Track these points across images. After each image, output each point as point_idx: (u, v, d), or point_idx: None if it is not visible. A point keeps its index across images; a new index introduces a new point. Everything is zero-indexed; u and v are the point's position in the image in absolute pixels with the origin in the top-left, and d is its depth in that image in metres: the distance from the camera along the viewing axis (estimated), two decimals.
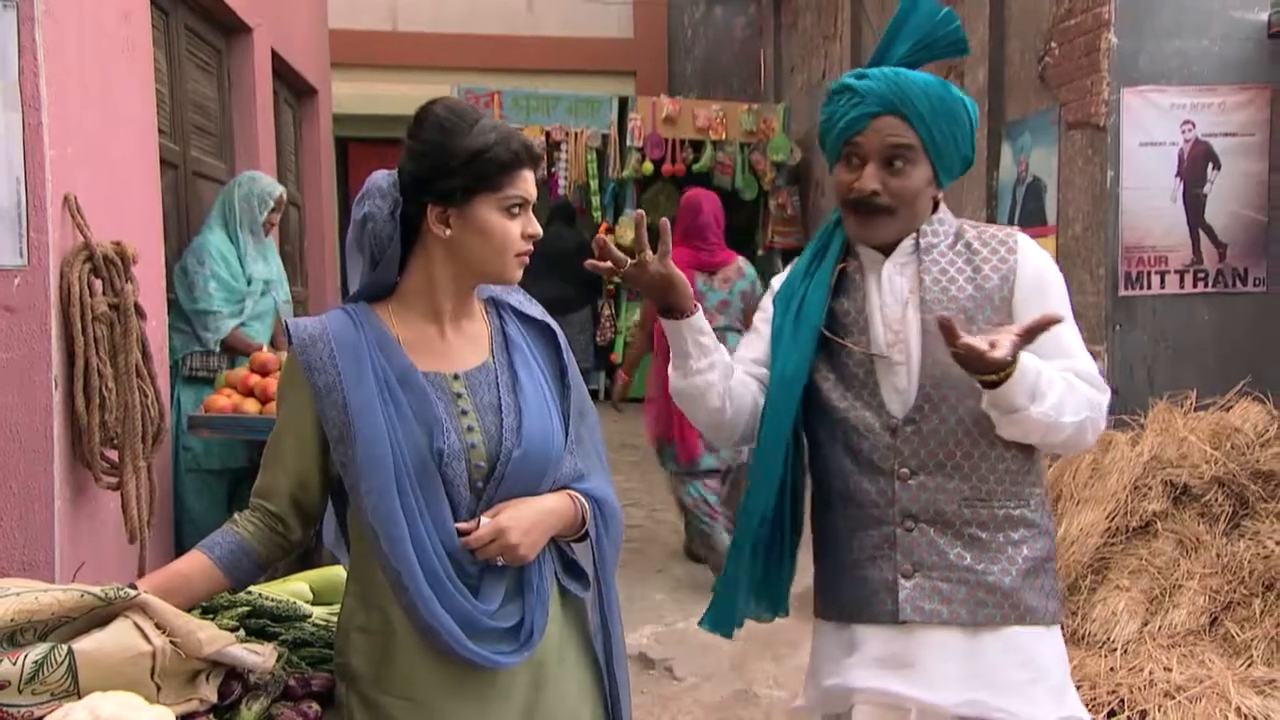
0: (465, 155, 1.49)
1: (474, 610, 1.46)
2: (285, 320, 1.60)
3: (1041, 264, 1.79)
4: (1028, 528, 1.73)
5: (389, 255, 1.54)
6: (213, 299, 3.95)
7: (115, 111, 3.28)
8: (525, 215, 1.54)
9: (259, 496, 1.55)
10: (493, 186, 1.50)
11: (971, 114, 1.82)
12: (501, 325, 1.62)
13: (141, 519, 2.99)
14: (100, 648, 1.29)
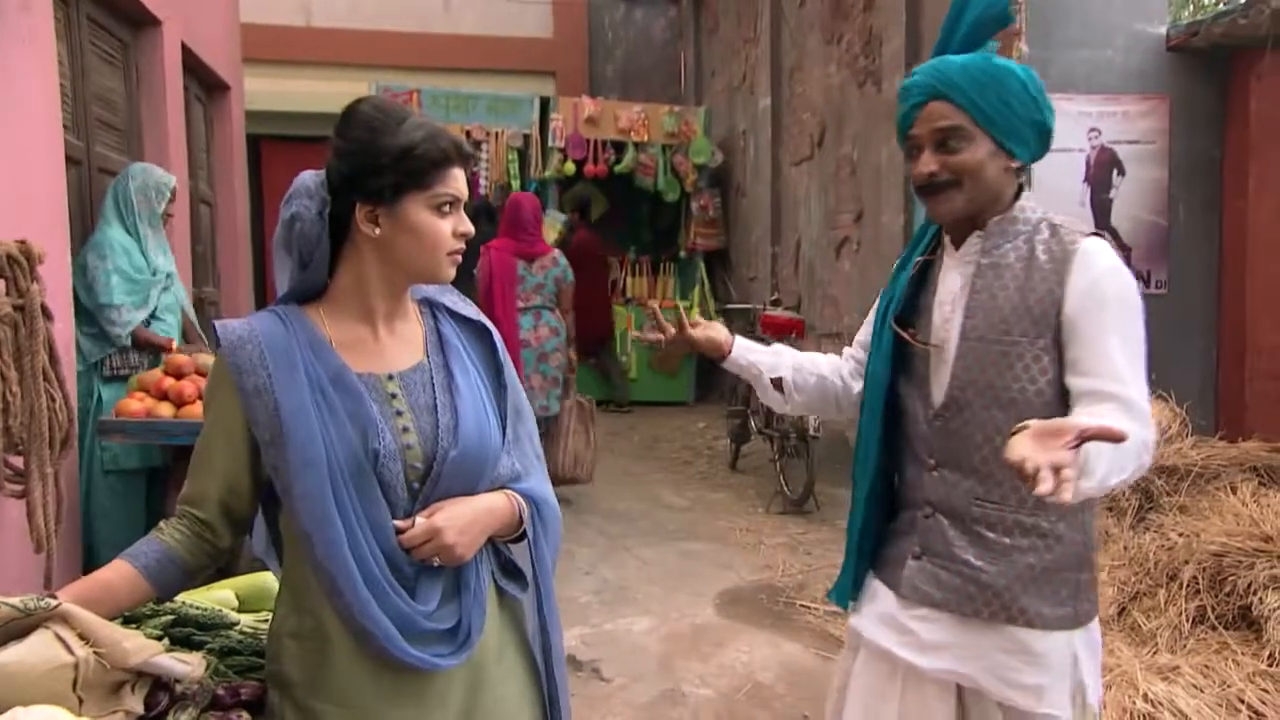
0: (393, 153, 1.46)
1: (411, 612, 1.43)
2: (212, 321, 1.55)
3: (1100, 276, 1.69)
4: (1040, 536, 1.75)
5: (318, 256, 1.51)
6: (113, 293, 3.80)
7: (16, 105, 3.14)
8: (457, 214, 1.52)
9: (186, 504, 1.50)
10: (422, 185, 1.47)
11: (1026, 78, 1.81)
12: (436, 325, 1.60)
13: (49, 528, 2.86)
14: (20, 660, 1.23)
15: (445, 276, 1.54)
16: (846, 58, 7.57)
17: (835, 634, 4.27)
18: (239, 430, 1.46)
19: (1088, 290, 1.69)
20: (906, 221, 6.44)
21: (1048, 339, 1.71)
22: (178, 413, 3.42)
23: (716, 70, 11.39)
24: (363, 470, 1.43)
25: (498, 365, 1.62)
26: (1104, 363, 1.66)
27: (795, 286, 8.73)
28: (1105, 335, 1.68)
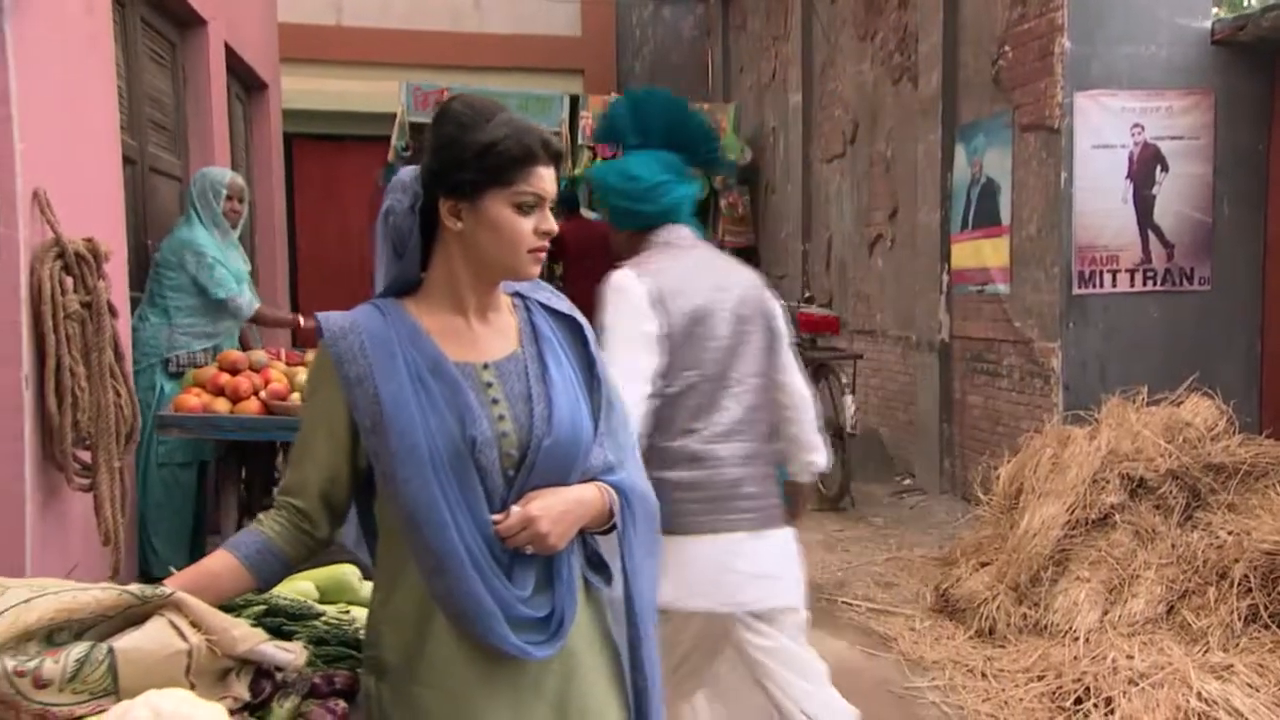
0: (476, 149, 1.48)
1: (509, 596, 1.46)
2: (316, 315, 1.58)
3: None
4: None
5: (409, 248, 1.54)
6: (230, 283, 4.01)
7: (81, 106, 3.20)
8: (540, 212, 1.52)
9: (286, 494, 1.52)
10: (503, 182, 1.48)
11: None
12: (530, 318, 1.62)
13: (116, 521, 2.92)
14: (139, 646, 1.26)
15: (527, 273, 1.55)
16: (881, 54, 7.55)
17: (879, 631, 4.28)
18: (341, 419, 1.49)
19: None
20: (944, 218, 6.43)
21: None
22: (233, 408, 3.47)
23: (745, 67, 11.38)
24: (461, 457, 1.45)
25: (590, 358, 1.64)
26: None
27: (826, 284, 8.72)
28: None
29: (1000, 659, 3.87)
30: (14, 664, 1.18)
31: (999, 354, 5.87)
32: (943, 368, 6.48)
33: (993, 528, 4.58)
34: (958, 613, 4.30)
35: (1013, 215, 5.65)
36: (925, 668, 3.90)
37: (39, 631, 1.22)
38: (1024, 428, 5.43)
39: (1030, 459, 4.50)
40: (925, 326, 6.70)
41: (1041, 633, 3.96)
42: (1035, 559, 4.11)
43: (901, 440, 7.27)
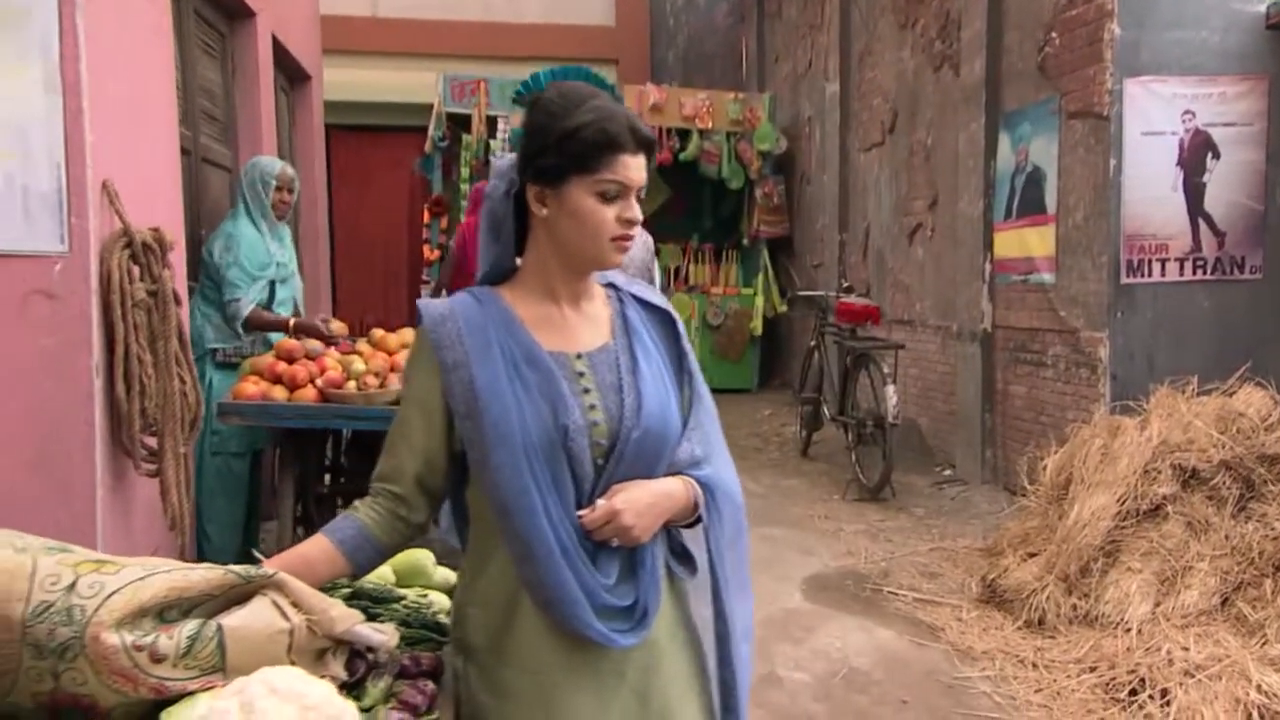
0: (559, 135, 1.49)
1: (595, 584, 1.48)
2: (416, 302, 1.61)
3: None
4: None
5: (504, 235, 1.57)
6: (235, 287, 3.96)
7: (143, 97, 3.24)
8: (624, 201, 1.51)
9: (382, 481, 1.54)
10: (585, 169, 1.48)
11: None
12: (622, 309, 1.63)
13: (182, 506, 2.97)
14: (245, 624, 1.29)
15: (610, 262, 1.55)
16: (921, 42, 7.49)
17: (926, 621, 4.28)
18: (436, 404, 1.51)
19: None
20: (986, 207, 6.38)
21: None
22: (290, 396, 3.52)
23: (780, 56, 11.32)
24: (552, 445, 1.47)
25: (680, 352, 1.65)
26: None
27: (864, 274, 8.68)
28: None
29: (1051, 649, 3.85)
30: (132, 638, 1.22)
31: (1043, 344, 5.82)
32: (985, 357, 6.44)
33: (1040, 518, 4.56)
34: (1005, 603, 4.28)
35: (1059, 204, 5.59)
36: (974, 658, 3.89)
37: (153, 608, 1.25)
38: (1069, 418, 5.39)
39: (1079, 449, 4.47)
40: (967, 316, 6.66)
41: (1092, 624, 3.94)
42: (1085, 549, 4.09)
43: (941, 431, 7.24)
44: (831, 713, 3.49)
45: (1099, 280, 5.23)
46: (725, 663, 1.62)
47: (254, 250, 4.04)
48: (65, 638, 1.19)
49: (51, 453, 2.75)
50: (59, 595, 1.21)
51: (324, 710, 1.14)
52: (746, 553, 1.69)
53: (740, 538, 1.66)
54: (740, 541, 1.66)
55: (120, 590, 1.23)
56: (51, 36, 2.65)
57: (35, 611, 1.19)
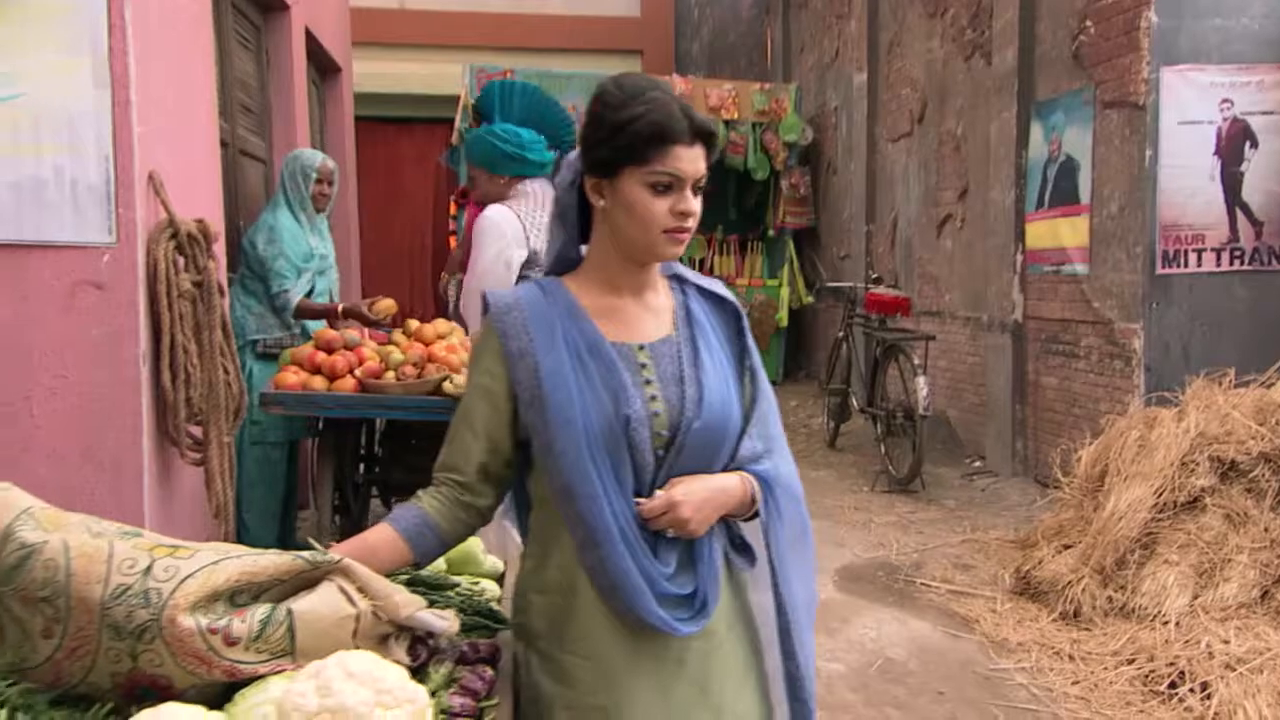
0: (612, 127, 1.49)
1: (655, 572, 1.49)
2: (483, 291, 1.62)
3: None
4: None
5: (567, 225, 1.58)
6: (283, 278, 4.01)
7: (186, 89, 3.27)
8: (678, 193, 1.49)
9: (446, 470, 1.56)
10: (637, 160, 1.48)
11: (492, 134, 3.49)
12: (685, 300, 1.63)
13: (226, 494, 3.01)
14: (314, 609, 1.31)
15: (664, 254, 1.54)
16: (952, 31, 7.44)
17: (960, 612, 4.27)
18: (502, 392, 1.52)
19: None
20: (1018, 197, 6.33)
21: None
22: (330, 386, 3.55)
23: (806, 46, 11.26)
24: (614, 434, 1.48)
25: (743, 346, 1.65)
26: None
27: (891, 264, 8.64)
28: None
29: (1087, 642, 3.84)
30: (206, 621, 1.24)
31: (1076, 335, 5.78)
32: (1016, 349, 6.41)
33: (1074, 510, 4.53)
34: (1040, 595, 4.27)
35: (1093, 194, 5.55)
36: (1010, 649, 3.88)
37: (225, 592, 1.27)
38: (1102, 410, 5.36)
39: (1114, 441, 4.44)
40: (997, 307, 6.62)
41: (1128, 616, 3.92)
42: (1122, 541, 4.07)
43: (970, 422, 7.21)
44: (868, 702, 3.49)
45: (1134, 271, 5.19)
46: (790, 655, 1.61)
47: (296, 242, 4.08)
48: (143, 620, 1.22)
49: (101, 442, 2.79)
50: (136, 578, 1.23)
51: (398, 694, 1.16)
52: (811, 548, 1.68)
53: (803, 534, 1.65)
54: (803, 537, 1.65)
55: (194, 574, 1.25)
56: (100, 30, 2.68)
57: (114, 594, 1.22)
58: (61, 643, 1.22)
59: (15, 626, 1.23)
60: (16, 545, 1.23)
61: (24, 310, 2.72)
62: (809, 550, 1.67)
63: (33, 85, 2.65)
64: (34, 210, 2.70)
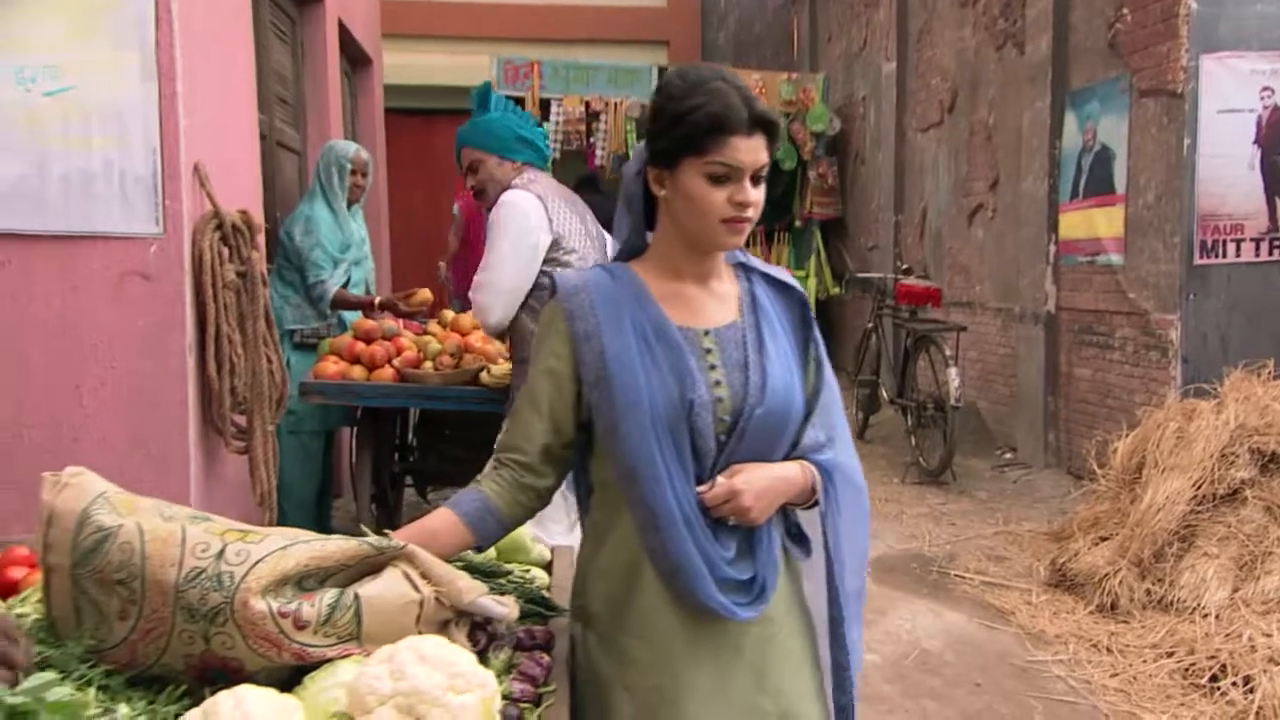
0: (671, 118, 1.50)
1: (716, 556, 1.50)
2: (552, 273, 1.64)
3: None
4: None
5: (635, 213, 1.60)
6: (321, 269, 4.02)
7: (228, 82, 3.30)
8: (737, 183, 1.48)
9: (507, 450, 1.57)
10: (695, 151, 1.48)
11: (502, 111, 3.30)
12: (751, 288, 1.63)
13: (270, 482, 3.04)
14: (380, 595, 1.33)
15: (723, 244, 1.55)
16: (984, 20, 7.37)
17: (995, 604, 4.26)
18: (567, 373, 1.54)
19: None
20: (1051, 187, 6.28)
21: None
22: (369, 376, 3.58)
23: (834, 36, 11.20)
24: (677, 417, 1.49)
25: (808, 335, 1.65)
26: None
27: (920, 255, 8.59)
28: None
29: (1125, 634, 3.82)
30: (277, 605, 1.26)
31: (1110, 326, 5.73)
32: (1048, 340, 6.36)
33: (1110, 502, 4.50)
34: (1076, 587, 4.24)
35: (1128, 183, 5.49)
36: (1046, 641, 3.87)
37: (294, 576, 1.29)
38: (1137, 401, 5.32)
39: (1152, 433, 4.40)
40: (1030, 298, 6.57)
41: (1167, 609, 3.90)
42: (1159, 534, 4.04)
43: (1001, 414, 7.16)
44: (904, 694, 3.49)
45: (1170, 261, 5.14)
46: (840, 645, 1.62)
47: (332, 233, 4.10)
48: (216, 603, 1.24)
49: (149, 431, 2.83)
50: (209, 562, 1.25)
51: (470, 679, 1.17)
52: (866, 539, 1.69)
53: (860, 524, 1.66)
54: (859, 528, 1.66)
55: (265, 559, 1.27)
56: (148, 23, 2.71)
57: (188, 577, 1.24)
58: (137, 624, 1.25)
59: (92, 608, 1.26)
60: (93, 528, 1.25)
61: (74, 301, 2.77)
62: (864, 542, 1.68)
63: (82, 79, 2.69)
64: (83, 202, 2.74)
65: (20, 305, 2.73)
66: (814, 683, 1.65)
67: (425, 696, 1.13)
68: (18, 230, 2.71)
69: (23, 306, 2.74)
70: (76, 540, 1.25)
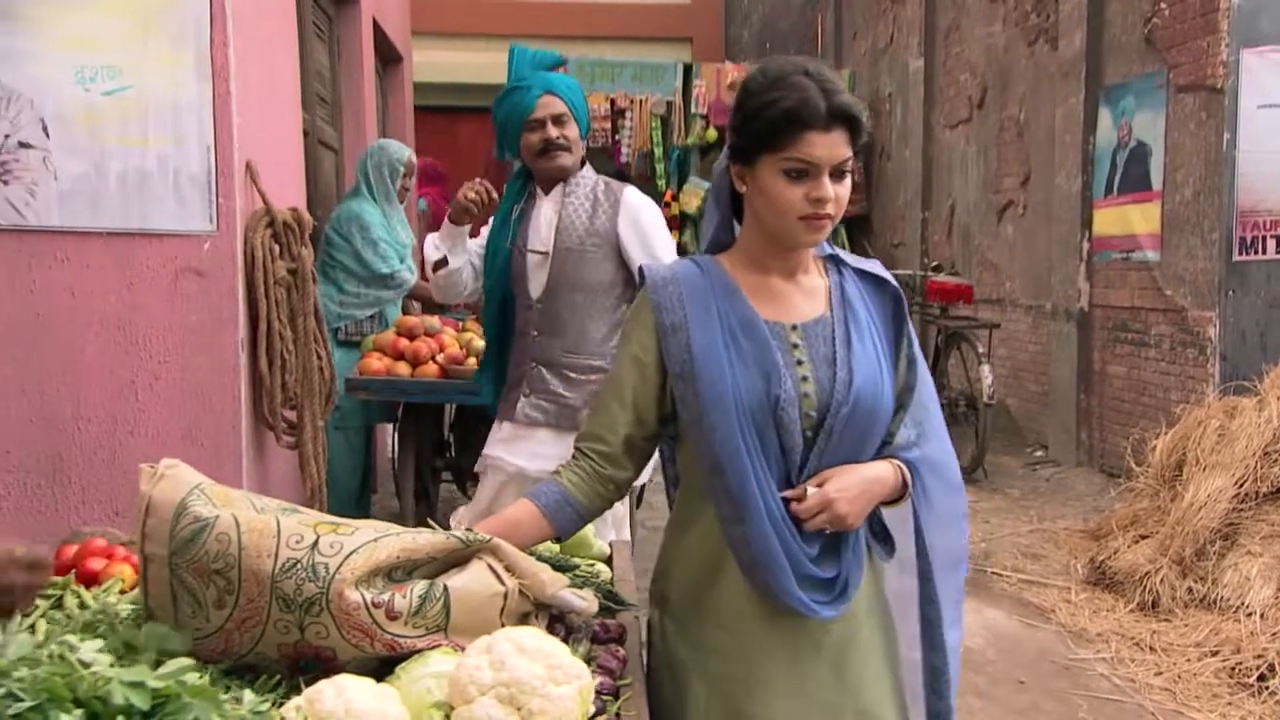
0: (747, 115, 1.49)
1: (800, 552, 1.49)
2: (640, 264, 1.65)
3: (639, 207, 2.75)
4: (600, 372, 2.68)
5: (723, 207, 1.60)
6: (393, 260, 4.04)
7: (276, 79, 3.33)
8: (814, 180, 1.45)
9: (589, 440, 1.57)
10: (772, 147, 1.46)
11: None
12: (840, 282, 1.61)
13: (321, 477, 3.07)
14: (467, 586, 1.34)
15: (802, 241, 1.52)
16: (1014, 16, 7.34)
17: (1034, 602, 4.24)
18: (653, 364, 1.54)
19: (631, 218, 2.72)
20: (1084, 183, 6.24)
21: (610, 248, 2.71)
22: (413, 372, 3.60)
23: (859, 32, 11.16)
24: (763, 412, 1.48)
25: (900, 330, 1.63)
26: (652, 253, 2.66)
27: (948, 252, 8.56)
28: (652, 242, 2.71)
29: (1167, 633, 3.80)
30: (371, 596, 1.27)
31: (1146, 323, 5.70)
32: (1081, 337, 6.33)
33: (1150, 500, 4.48)
34: (1115, 585, 4.23)
35: (1165, 179, 5.46)
36: (1088, 639, 3.85)
37: (385, 568, 1.31)
38: (1174, 399, 5.28)
39: (1192, 430, 4.37)
40: (1062, 295, 6.54)
41: (1210, 607, 3.87)
42: (1201, 532, 4.01)
43: (1032, 411, 7.13)
44: None
45: (1209, 258, 5.10)
46: (934, 647, 1.60)
47: (386, 230, 4.13)
48: (311, 593, 1.25)
49: (202, 426, 2.86)
50: (304, 553, 1.27)
51: (568, 670, 1.18)
52: (963, 538, 1.66)
53: (954, 524, 1.63)
54: (954, 528, 1.63)
55: (358, 550, 1.29)
56: (203, 22, 2.73)
57: (284, 567, 1.26)
58: (233, 613, 1.26)
59: (189, 597, 1.27)
60: (191, 519, 1.27)
61: (129, 297, 2.80)
62: (959, 541, 1.65)
63: (140, 77, 2.71)
64: (139, 199, 2.77)
65: (78, 301, 2.77)
66: (894, 685, 1.63)
67: (526, 687, 1.14)
68: (77, 227, 2.74)
69: (80, 302, 2.77)
70: (174, 530, 1.27)
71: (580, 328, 2.70)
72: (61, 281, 2.76)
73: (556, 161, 2.69)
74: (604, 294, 2.72)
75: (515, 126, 2.70)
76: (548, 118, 2.67)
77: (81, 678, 0.88)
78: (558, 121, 2.68)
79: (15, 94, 2.67)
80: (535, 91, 2.67)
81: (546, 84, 2.69)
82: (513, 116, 2.70)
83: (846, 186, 1.50)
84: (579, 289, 2.69)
